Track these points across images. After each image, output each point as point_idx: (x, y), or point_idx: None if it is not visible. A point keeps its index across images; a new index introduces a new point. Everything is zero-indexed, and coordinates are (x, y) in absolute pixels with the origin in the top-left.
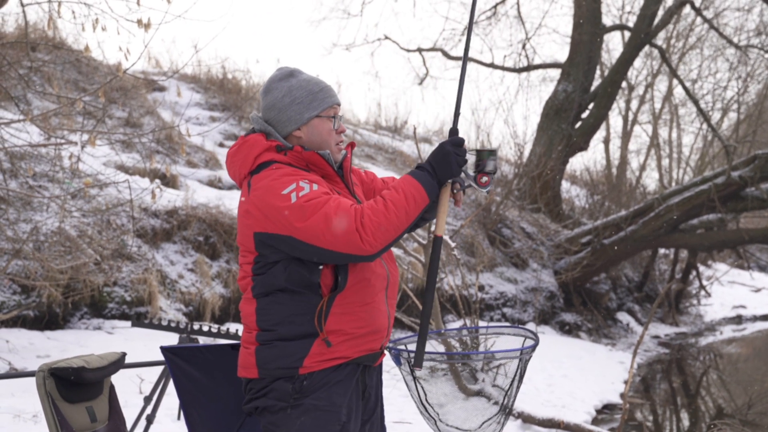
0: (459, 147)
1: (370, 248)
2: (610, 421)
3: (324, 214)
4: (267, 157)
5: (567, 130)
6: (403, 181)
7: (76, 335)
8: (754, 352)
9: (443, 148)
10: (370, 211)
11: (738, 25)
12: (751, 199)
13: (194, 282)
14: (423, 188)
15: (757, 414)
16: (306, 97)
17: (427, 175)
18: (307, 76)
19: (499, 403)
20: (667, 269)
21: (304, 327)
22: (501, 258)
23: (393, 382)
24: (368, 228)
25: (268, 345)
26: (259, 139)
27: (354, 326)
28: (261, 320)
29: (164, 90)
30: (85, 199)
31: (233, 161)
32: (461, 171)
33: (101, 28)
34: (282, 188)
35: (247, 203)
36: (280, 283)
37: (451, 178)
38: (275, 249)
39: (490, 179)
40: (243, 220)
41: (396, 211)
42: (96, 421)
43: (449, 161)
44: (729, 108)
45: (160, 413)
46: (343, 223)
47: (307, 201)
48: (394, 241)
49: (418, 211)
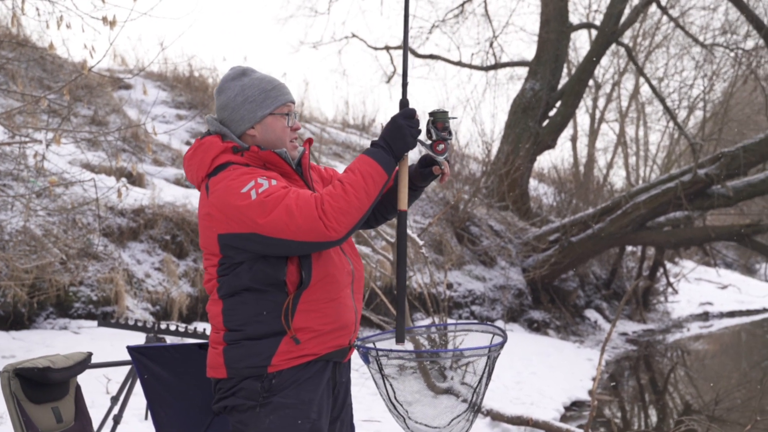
0: (411, 119)
1: (335, 234)
2: (579, 418)
3: (285, 206)
4: (223, 159)
5: (534, 128)
6: (358, 161)
7: (41, 335)
8: (720, 349)
9: (395, 121)
10: (330, 196)
11: (704, 23)
12: (717, 196)
13: (161, 281)
14: (379, 165)
15: (724, 410)
16: (259, 95)
17: (382, 152)
18: (259, 75)
19: (467, 400)
20: (634, 266)
21: (270, 325)
22: (469, 256)
23: (362, 381)
24: (330, 214)
25: (236, 345)
26: (214, 141)
27: (321, 323)
28: (228, 320)
29: (130, 88)
30: (51, 198)
31: (190, 164)
32: (416, 142)
33: (66, 26)
34: (241, 187)
35: (208, 206)
36: (245, 282)
37: (406, 151)
38: (240, 249)
39: (446, 145)
40: (205, 224)
41: (355, 193)
42: (62, 421)
43: (403, 134)
44: (695, 106)
45: (127, 413)
46: (305, 213)
47: (267, 196)
48: (358, 223)
49: (378, 189)
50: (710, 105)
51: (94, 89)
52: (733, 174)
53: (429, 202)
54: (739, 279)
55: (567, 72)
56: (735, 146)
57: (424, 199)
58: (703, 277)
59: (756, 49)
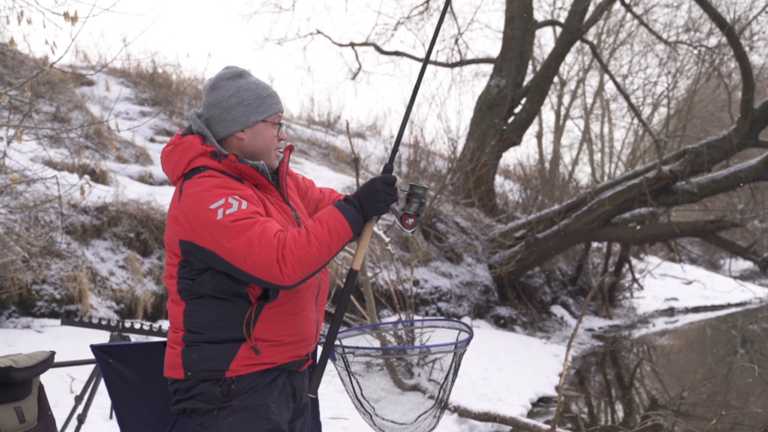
0: (390, 186)
1: (288, 280)
2: (546, 414)
3: (248, 239)
4: (200, 162)
5: (500, 125)
6: (328, 214)
7: (3, 334)
8: (686, 344)
9: (374, 185)
10: (293, 243)
11: (667, 21)
12: (681, 192)
13: (126, 279)
14: (348, 223)
15: (690, 405)
16: (255, 100)
17: (353, 210)
18: (255, 79)
19: (434, 397)
20: (600, 263)
21: (231, 332)
22: (435, 253)
23: (328, 378)
24: (289, 261)
25: (195, 347)
26: (194, 142)
27: (282, 334)
28: (188, 322)
29: (93, 84)
30: (12, 195)
31: (167, 161)
32: (388, 209)
33: (27, 21)
34: (211, 202)
35: (177, 209)
36: (208, 291)
37: (377, 215)
38: (199, 259)
39: (415, 220)
40: (171, 224)
41: (318, 246)
42: (25, 421)
43: (378, 198)
44: (659, 103)
45: (92, 413)
46: (265, 252)
47: (233, 221)
48: (313, 274)
49: (341, 246)
50: (674, 102)
51: (56, 85)
52: (697, 170)
53: None
54: (703, 275)
55: (532, 69)
56: (699, 143)
57: None
58: (668, 272)
59: (719, 47)
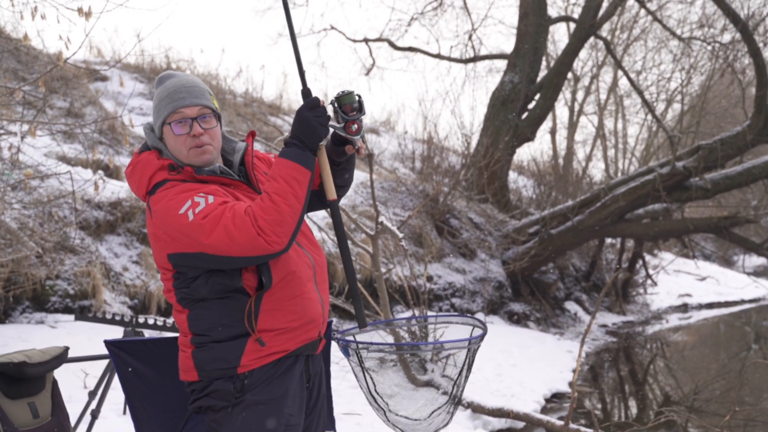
0: (316, 108)
1: (278, 246)
2: (559, 410)
3: (224, 227)
4: (160, 177)
5: (514, 120)
6: (277, 166)
7: (17, 330)
8: (699, 340)
9: (302, 115)
10: (261, 210)
11: (681, 17)
12: (695, 188)
13: (139, 274)
14: (298, 164)
15: (703, 401)
16: (157, 104)
17: (296, 149)
18: (171, 81)
19: (448, 392)
20: (613, 258)
21: (236, 328)
22: (449, 248)
23: (342, 374)
24: (266, 228)
25: (204, 348)
26: (150, 158)
27: (287, 320)
28: (193, 326)
29: (106, 80)
30: (26, 190)
31: (131, 182)
32: (327, 130)
33: (41, 17)
34: (178, 208)
35: (153, 227)
36: (203, 295)
37: (320, 141)
38: (191, 266)
39: (359, 124)
40: (154, 243)
41: (284, 201)
42: (38, 417)
43: (311, 125)
44: (673, 99)
45: (105, 408)
46: (243, 231)
47: (204, 217)
48: (297, 226)
49: (305, 189)
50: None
51: (69, 81)
52: (710, 166)
53: (408, 195)
54: (717, 271)
55: (546, 65)
56: (713, 139)
57: (403, 192)
58: (681, 269)
59: (733, 43)
